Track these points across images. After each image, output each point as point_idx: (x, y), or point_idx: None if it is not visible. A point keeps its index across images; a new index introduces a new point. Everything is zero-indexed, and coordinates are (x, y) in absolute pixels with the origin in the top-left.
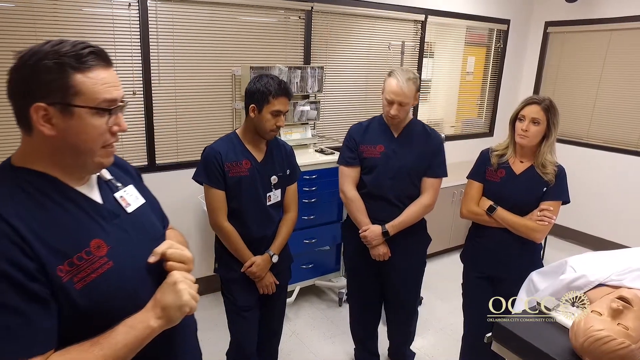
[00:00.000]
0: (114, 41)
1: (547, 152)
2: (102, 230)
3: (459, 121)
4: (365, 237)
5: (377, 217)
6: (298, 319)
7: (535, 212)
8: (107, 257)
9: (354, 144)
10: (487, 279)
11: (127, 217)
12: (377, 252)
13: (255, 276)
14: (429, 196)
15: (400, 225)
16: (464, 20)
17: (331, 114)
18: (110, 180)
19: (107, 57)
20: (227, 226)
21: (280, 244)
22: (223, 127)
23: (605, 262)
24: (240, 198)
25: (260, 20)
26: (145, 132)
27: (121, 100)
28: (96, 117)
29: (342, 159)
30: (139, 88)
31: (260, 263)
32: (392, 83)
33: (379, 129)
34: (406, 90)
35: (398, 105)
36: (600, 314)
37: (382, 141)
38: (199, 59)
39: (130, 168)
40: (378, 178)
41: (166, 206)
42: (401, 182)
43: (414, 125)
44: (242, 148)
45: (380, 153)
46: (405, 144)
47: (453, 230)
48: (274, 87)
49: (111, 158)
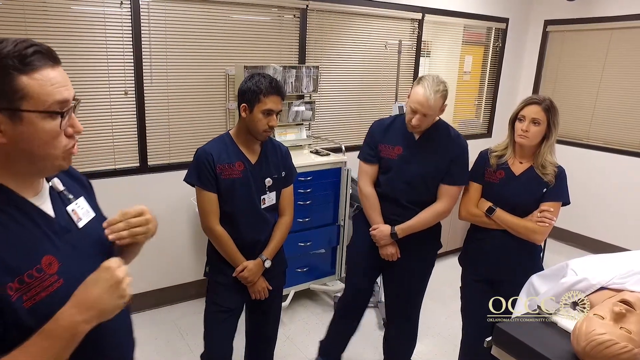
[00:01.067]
0: (106, 40)
1: (547, 153)
2: (53, 246)
3: (456, 122)
4: (374, 235)
5: (389, 217)
6: (292, 324)
7: (535, 214)
8: (57, 274)
9: (374, 141)
10: (486, 282)
11: (77, 232)
12: (385, 251)
13: (247, 281)
14: (444, 203)
15: (410, 229)
16: (462, 18)
17: (326, 114)
18: (63, 192)
19: (54, 55)
20: (219, 230)
21: (274, 248)
22: (216, 127)
23: (607, 265)
24: (233, 201)
25: (255, 19)
26: (137, 133)
27: (74, 99)
28: (48, 121)
29: (361, 154)
30: (130, 88)
31: (252, 268)
32: (419, 92)
33: (400, 129)
34: (432, 103)
35: (421, 116)
36: (603, 318)
37: (401, 143)
38: (192, 58)
39: (82, 177)
40: (392, 181)
41: (158, 208)
42: (415, 188)
43: (437, 128)
44: (235, 149)
45: (397, 155)
46: (425, 148)
47: (450, 233)
48: (265, 85)
49: (70, 160)
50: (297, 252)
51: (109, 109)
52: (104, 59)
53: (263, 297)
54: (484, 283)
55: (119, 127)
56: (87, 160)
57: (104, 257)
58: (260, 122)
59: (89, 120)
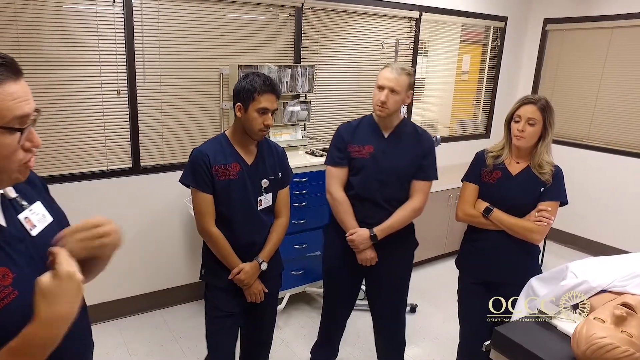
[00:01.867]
0: (98, 39)
1: (544, 153)
2: (6, 256)
3: (453, 122)
4: (352, 240)
5: (365, 220)
6: (287, 327)
7: (533, 213)
8: (12, 286)
9: (343, 143)
10: (483, 285)
11: (31, 240)
12: (364, 256)
13: (243, 284)
14: (418, 200)
15: (389, 229)
16: (460, 17)
17: (322, 114)
18: (15, 199)
19: (17, 68)
20: (215, 232)
21: (270, 250)
22: (210, 128)
23: (607, 267)
24: (229, 202)
25: (249, 17)
26: (130, 134)
27: (35, 110)
28: (6, 136)
29: (329, 158)
30: (123, 88)
31: (249, 270)
32: (386, 71)
33: (368, 129)
34: (399, 77)
35: (388, 92)
36: (603, 321)
37: (371, 141)
38: (186, 58)
39: (35, 178)
40: (366, 180)
41: (151, 210)
42: (390, 185)
43: (404, 125)
44: (231, 150)
45: (368, 154)
46: (395, 144)
47: (448, 235)
48: (259, 83)
49: (27, 173)
50: (293, 254)
51: (101, 109)
52: (95, 58)
53: (259, 299)
54: (481, 286)
55: (111, 127)
56: (78, 161)
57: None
58: (256, 121)
59: (80, 121)
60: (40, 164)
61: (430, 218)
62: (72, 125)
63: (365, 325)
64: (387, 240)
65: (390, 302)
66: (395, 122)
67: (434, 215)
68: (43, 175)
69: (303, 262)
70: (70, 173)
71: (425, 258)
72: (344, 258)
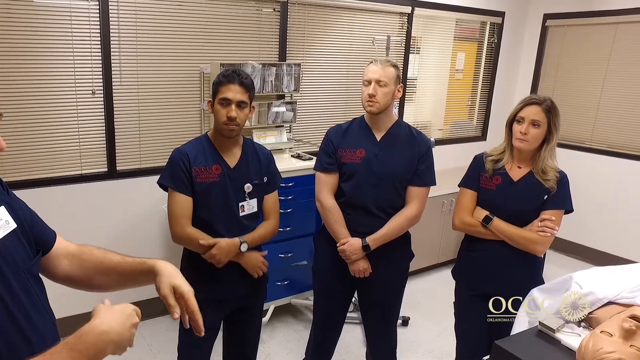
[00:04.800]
0: (72, 36)
1: (548, 157)
2: None
3: (447, 124)
4: (343, 251)
5: (357, 229)
6: (272, 341)
7: (536, 223)
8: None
9: (332, 147)
10: (482, 298)
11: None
12: (356, 267)
13: (215, 260)
14: (415, 207)
15: (383, 238)
16: (454, 12)
17: (309, 115)
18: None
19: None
20: (191, 231)
21: (254, 237)
22: (190, 130)
23: (614, 278)
24: (209, 207)
25: (231, 13)
26: (105, 136)
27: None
28: None
29: (318, 164)
30: (98, 87)
31: (224, 246)
32: (371, 65)
33: (359, 132)
34: (385, 69)
35: (376, 84)
36: (611, 335)
37: (363, 145)
38: (165, 56)
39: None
40: (358, 186)
41: (128, 217)
42: (384, 191)
43: (398, 127)
44: (213, 152)
45: (360, 158)
46: (389, 147)
47: (442, 243)
48: (222, 74)
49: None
50: (278, 264)
51: (75, 110)
52: (69, 56)
53: (260, 273)
54: (480, 298)
55: (86, 129)
56: (51, 165)
57: (27, 275)
58: (219, 113)
59: (53, 122)
60: (10, 168)
61: (423, 226)
62: (44, 126)
63: (355, 339)
64: (381, 250)
65: (383, 316)
66: (388, 123)
67: (427, 222)
68: (13, 180)
69: (289, 272)
70: (42, 177)
71: (417, 268)
72: (335, 269)
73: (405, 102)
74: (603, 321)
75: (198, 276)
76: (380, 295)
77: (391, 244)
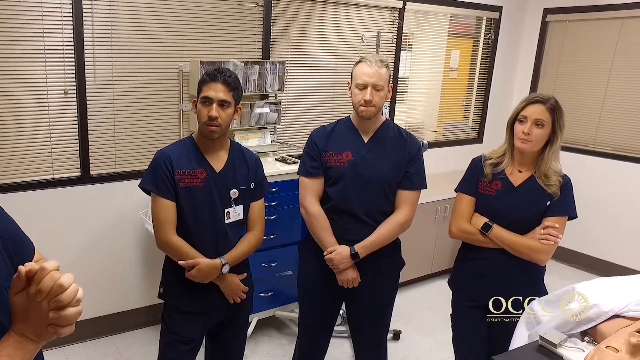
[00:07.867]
0: (43, 32)
1: (551, 160)
2: None
3: (441, 125)
4: (331, 260)
5: (344, 237)
6: (255, 356)
7: (538, 230)
8: None
9: (316, 150)
10: (481, 309)
11: None
12: (345, 277)
13: (195, 280)
14: (405, 212)
15: (372, 246)
16: (448, 7)
17: (294, 116)
18: None
19: None
20: (176, 240)
21: (237, 256)
22: (169, 132)
23: (620, 289)
24: (193, 213)
25: (212, 8)
26: (78, 138)
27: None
28: None
29: (302, 168)
30: (71, 87)
31: (204, 268)
32: (364, 66)
33: (345, 133)
34: (380, 72)
35: (372, 89)
36: (617, 350)
37: (350, 147)
38: (141, 53)
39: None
40: (345, 190)
41: (102, 224)
42: (372, 196)
43: (386, 128)
44: (197, 155)
45: (347, 161)
46: (377, 149)
47: (436, 253)
48: (207, 73)
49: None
50: (261, 274)
51: (47, 111)
52: (40, 53)
53: (238, 300)
54: (478, 310)
55: (58, 131)
56: (21, 169)
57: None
58: (200, 113)
59: (23, 124)
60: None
61: (415, 233)
62: (13, 128)
63: (343, 354)
64: (371, 258)
65: (373, 328)
66: (376, 124)
67: (419, 230)
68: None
69: (272, 283)
70: (11, 182)
71: (409, 278)
72: (321, 279)
73: (397, 102)
74: (608, 335)
75: (183, 288)
76: (370, 306)
77: (380, 252)
